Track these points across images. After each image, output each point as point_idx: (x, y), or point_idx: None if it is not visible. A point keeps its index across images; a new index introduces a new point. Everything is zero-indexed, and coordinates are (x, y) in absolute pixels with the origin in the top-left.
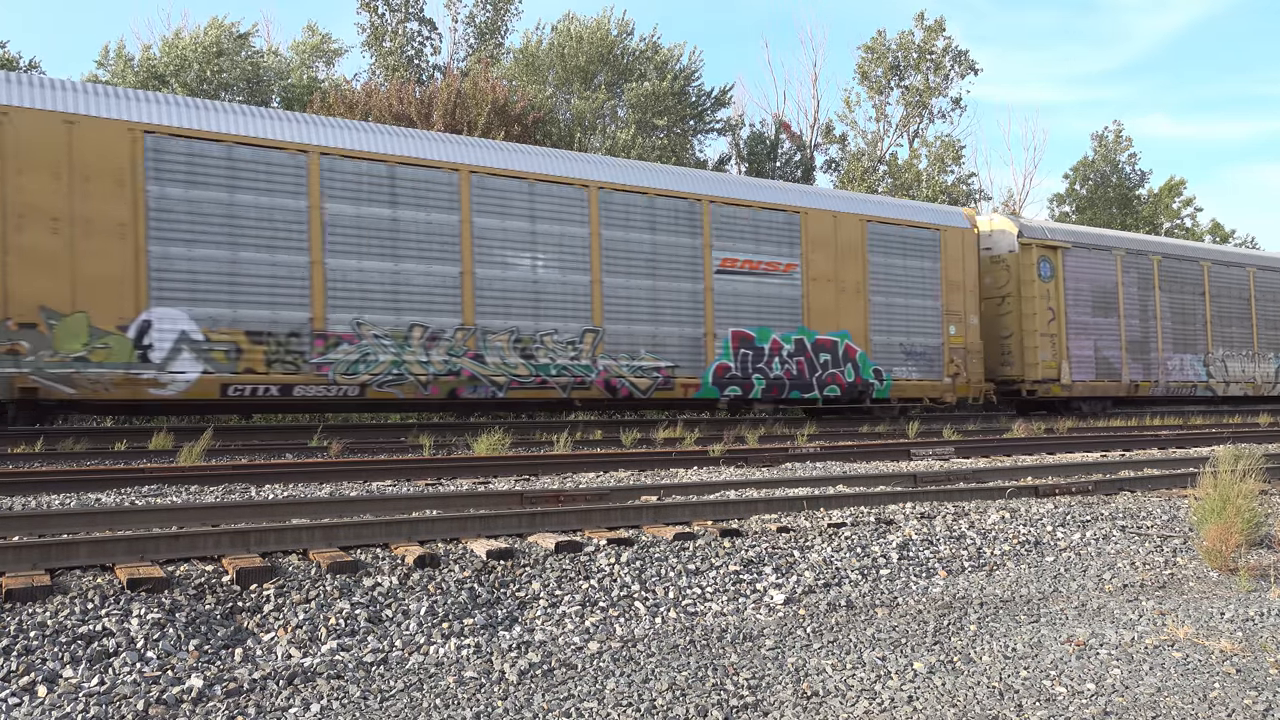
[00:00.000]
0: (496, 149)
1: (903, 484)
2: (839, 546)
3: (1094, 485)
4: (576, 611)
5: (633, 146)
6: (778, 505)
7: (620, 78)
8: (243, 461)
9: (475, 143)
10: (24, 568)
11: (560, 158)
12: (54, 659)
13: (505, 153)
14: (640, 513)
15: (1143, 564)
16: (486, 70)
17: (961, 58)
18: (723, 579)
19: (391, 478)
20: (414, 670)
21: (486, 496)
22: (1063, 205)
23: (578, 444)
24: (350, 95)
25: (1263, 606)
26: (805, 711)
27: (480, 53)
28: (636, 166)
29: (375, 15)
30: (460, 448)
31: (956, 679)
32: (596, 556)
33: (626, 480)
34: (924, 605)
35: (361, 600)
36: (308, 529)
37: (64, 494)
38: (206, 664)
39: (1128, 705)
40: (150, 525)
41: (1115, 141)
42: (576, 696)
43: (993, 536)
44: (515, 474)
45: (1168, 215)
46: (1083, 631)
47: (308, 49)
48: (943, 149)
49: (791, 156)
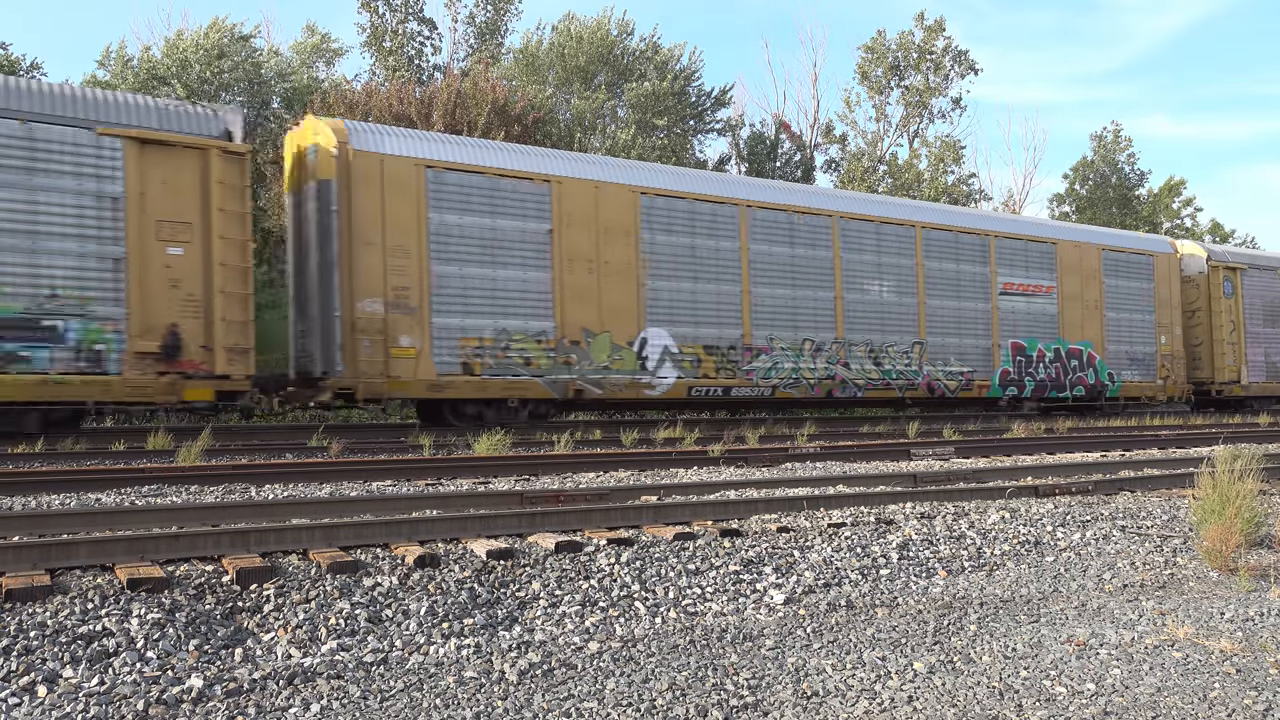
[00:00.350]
0: (859, 200)
1: (903, 484)
2: (839, 546)
3: (1094, 485)
4: (576, 611)
5: (632, 146)
6: (778, 505)
7: (620, 78)
8: (243, 461)
9: (844, 195)
10: (24, 568)
11: (894, 205)
12: (54, 659)
13: (860, 202)
14: (640, 513)
15: (1143, 564)
16: (487, 70)
17: (961, 58)
18: (723, 579)
19: (391, 478)
20: (414, 670)
21: (486, 496)
22: (1062, 205)
23: (578, 444)
24: (350, 95)
25: (1263, 606)
26: (805, 711)
27: (481, 53)
28: (944, 210)
29: (375, 15)
30: (460, 448)
31: (956, 679)
32: (596, 556)
33: (626, 480)
34: (924, 605)
35: (361, 600)
36: (308, 529)
37: (64, 494)
38: (206, 664)
39: (1128, 705)
40: (150, 525)
41: (1114, 141)
42: (576, 696)
43: (993, 536)
44: (515, 474)
45: (1167, 215)
46: (1083, 631)
47: (308, 49)
48: (943, 149)
49: (791, 156)
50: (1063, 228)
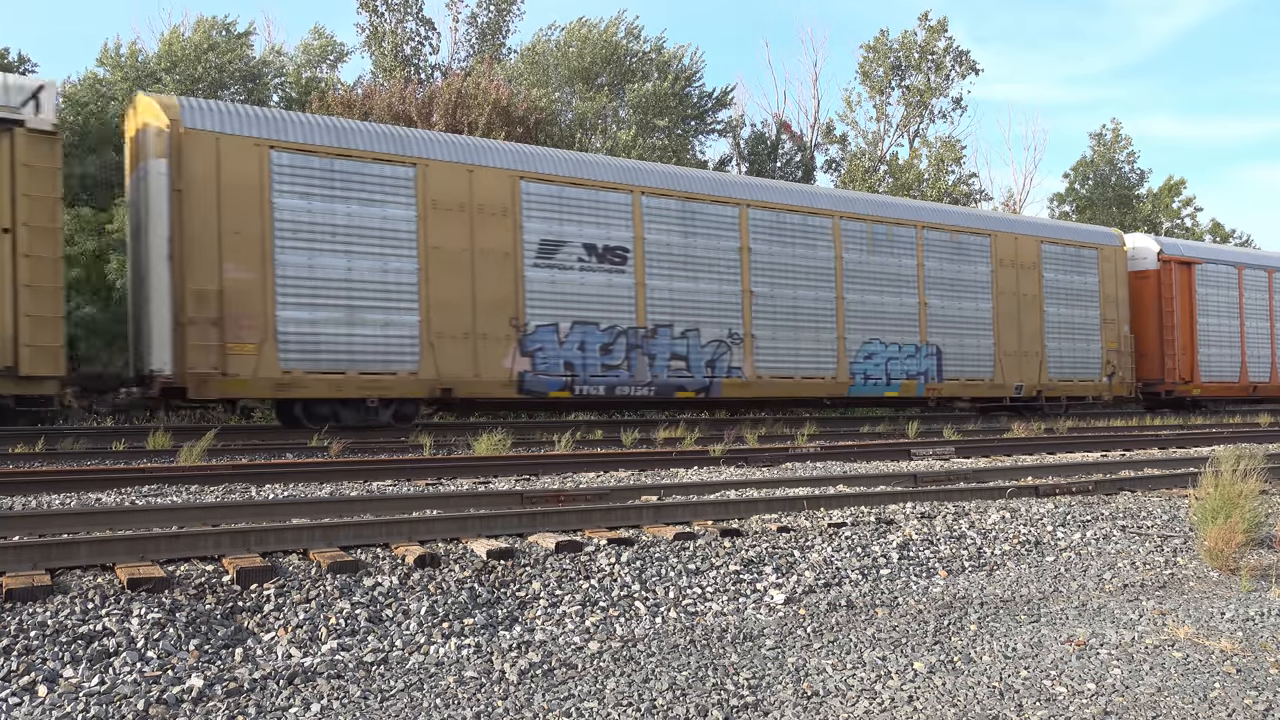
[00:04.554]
0: (1062, 229)
1: (903, 484)
2: (839, 546)
3: (1094, 485)
4: (577, 611)
5: (633, 147)
6: (778, 505)
7: (622, 79)
8: (243, 461)
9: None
10: (24, 567)
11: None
12: (54, 659)
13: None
14: (640, 513)
15: (1143, 564)
16: (490, 70)
17: (963, 58)
18: (723, 579)
19: (392, 478)
20: (414, 670)
21: (487, 496)
22: (1063, 205)
23: (578, 444)
24: (349, 96)
25: (1263, 606)
26: (805, 711)
27: (482, 53)
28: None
29: (375, 15)
30: (460, 448)
31: (957, 679)
32: (597, 556)
33: (627, 480)
34: (924, 605)
35: (362, 600)
36: (308, 529)
37: (64, 494)
38: (207, 664)
39: (1128, 705)
40: (150, 525)
41: (1114, 140)
42: (577, 696)
43: (993, 536)
44: (515, 474)
45: (1167, 215)
46: (1083, 631)
47: (314, 50)
48: (943, 149)
49: (792, 157)
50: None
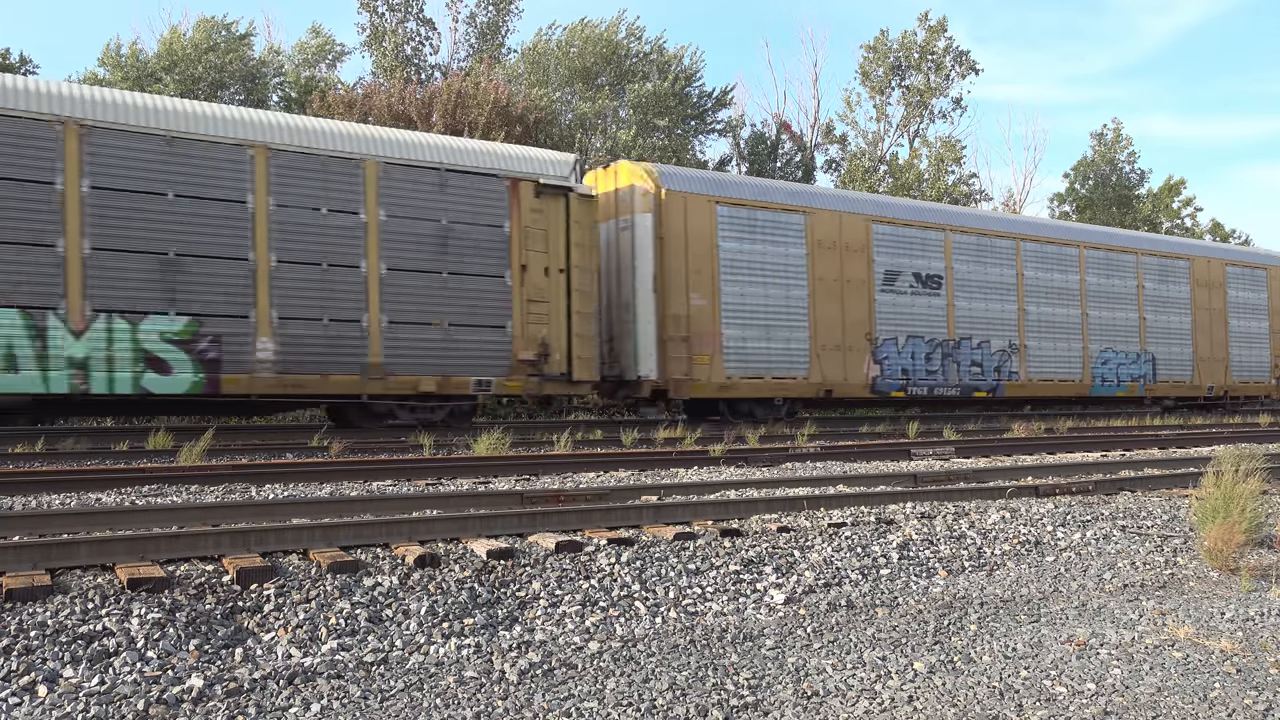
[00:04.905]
0: (1241, 253)
1: (903, 484)
2: (839, 546)
3: (1094, 485)
4: (577, 611)
5: (633, 147)
6: (778, 505)
7: (622, 79)
8: (243, 461)
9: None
10: (24, 567)
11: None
12: (54, 659)
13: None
14: (640, 513)
15: (1143, 564)
16: (490, 70)
17: (962, 58)
18: (723, 579)
19: (392, 478)
20: (414, 670)
21: (487, 496)
22: (1063, 205)
23: (578, 444)
24: (349, 96)
25: (1263, 606)
26: (805, 711)
27: (482, 53)
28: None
29: (375, 15)
30: (460, 448)
31: (957, 679)
32: (597, 556)
33: (627, 480)
34: (924, 605)
35: (362, 600)
36: (308, 529)
37: (64, 494)
38: (207, 664)
39: (1128, 705)
40: (150, 525)
41: (1115, 140)
42: (577, 696)
43: (993, 536)
44: (515, 474)
45: (1167, 215)
46: (1083, 631)
47: (313, 50)
48: (943, 149)
49: (792, 157)
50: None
